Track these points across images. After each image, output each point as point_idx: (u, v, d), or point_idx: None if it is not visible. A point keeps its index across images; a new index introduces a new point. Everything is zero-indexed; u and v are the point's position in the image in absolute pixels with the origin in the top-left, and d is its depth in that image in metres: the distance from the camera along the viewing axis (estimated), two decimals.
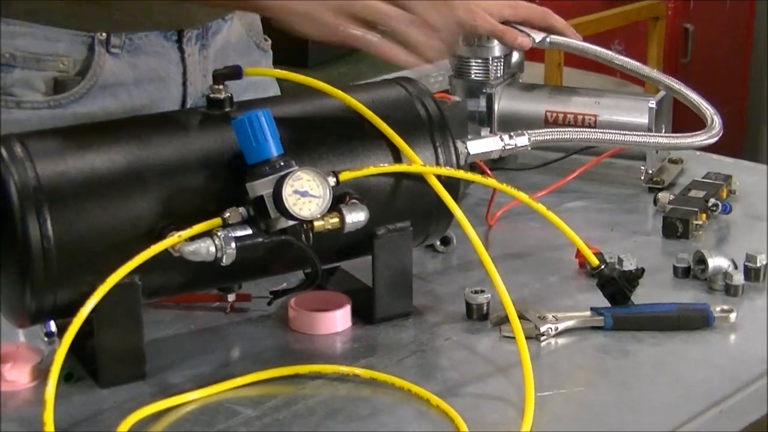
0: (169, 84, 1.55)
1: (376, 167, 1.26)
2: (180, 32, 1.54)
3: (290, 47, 1.77)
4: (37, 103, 1.49)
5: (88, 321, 1.12)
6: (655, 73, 1.67)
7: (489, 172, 1.56)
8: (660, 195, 1.58)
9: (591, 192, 1.66)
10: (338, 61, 2.58)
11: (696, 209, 1.52)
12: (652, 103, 1.66)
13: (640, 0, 3.75)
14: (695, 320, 1.29)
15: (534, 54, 2.14)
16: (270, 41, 1.71)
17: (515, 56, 1.77)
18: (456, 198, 1.33)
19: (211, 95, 1.25)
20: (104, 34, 1.49)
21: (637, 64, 1.67)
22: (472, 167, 1.49)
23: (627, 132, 1.50)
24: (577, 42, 1.70)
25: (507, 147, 1.39)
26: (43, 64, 1.48)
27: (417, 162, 1.27)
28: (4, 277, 1.17)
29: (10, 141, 1.16)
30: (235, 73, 1.27)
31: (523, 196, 1.31)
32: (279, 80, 1.62)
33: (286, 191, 1.16)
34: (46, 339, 1.22)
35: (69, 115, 1.47)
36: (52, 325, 1.21)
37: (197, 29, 1.56)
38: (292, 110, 1.29)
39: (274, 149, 1.17)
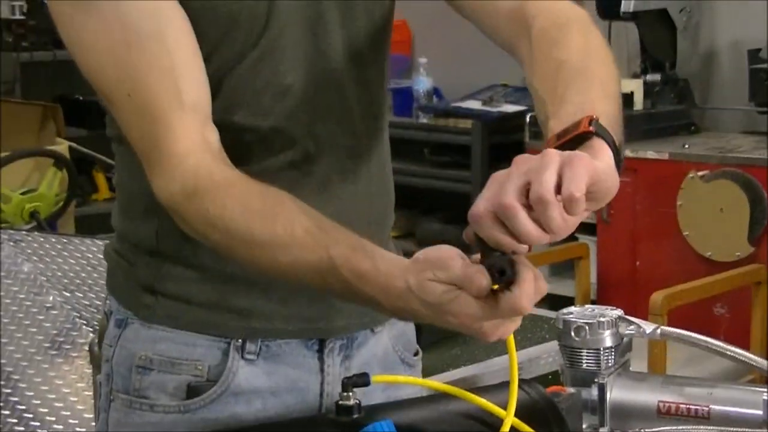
0: (306, 394, 1.52)
1: None
2: (322, 341, 1.52)
3: None
4: (168, 407, 1.48)
5: None
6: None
7: None
8: None
9: None
10: (450, 341, 2.62)
11: None
12: (767, 396, 1.66)
13: (743, 265, 3.79)
14: None
15: None
16: (420, 353, 1.67)
17: (625, 341, 1.79)
18: None
19: (340, 402, 1.30)
20: (240, 339, 1.48)
21: (748, 354, 1.69)
22: None
23: (741, 430, 1.51)
24: (688, 333, 1.73)
25: None
26: (178, 368, 1.48)
27: None
28: None
29: None
30: (363, 380, 1.31)
31: None
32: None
33: None
34: None
35: (198, 420, 1.46)
36: None
37: (341, 339, 1.53)
38: (418, 414, 1.34)
39: None
